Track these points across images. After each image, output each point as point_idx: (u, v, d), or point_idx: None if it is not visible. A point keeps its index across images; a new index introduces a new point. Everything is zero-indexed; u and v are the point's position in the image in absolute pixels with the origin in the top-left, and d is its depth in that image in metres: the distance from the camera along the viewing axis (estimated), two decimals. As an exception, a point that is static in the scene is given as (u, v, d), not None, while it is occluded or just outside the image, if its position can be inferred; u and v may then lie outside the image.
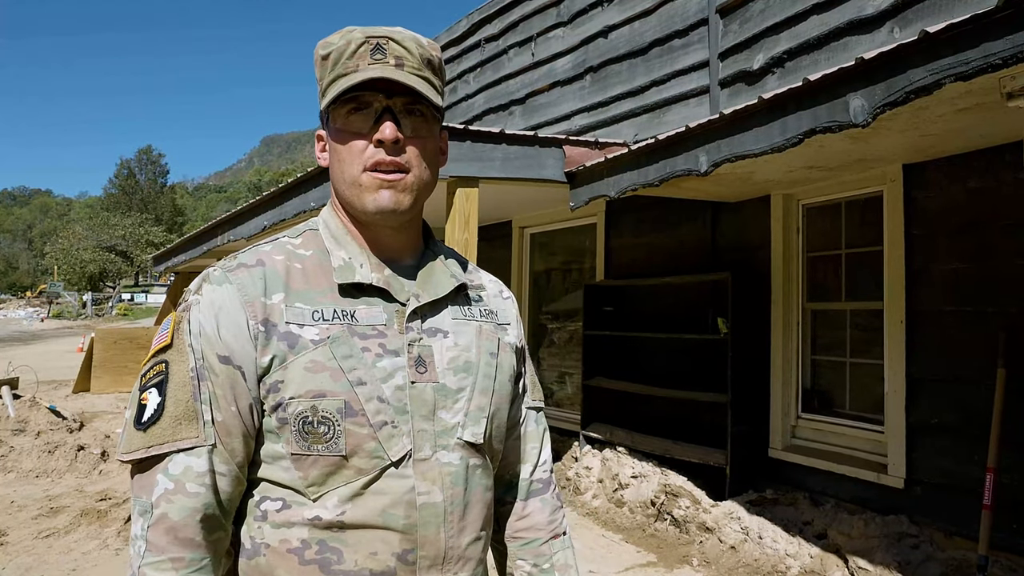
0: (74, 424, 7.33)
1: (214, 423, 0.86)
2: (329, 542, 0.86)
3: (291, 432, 0.87)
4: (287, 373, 0.86)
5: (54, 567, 3.86)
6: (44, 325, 34.68)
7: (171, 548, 0.82)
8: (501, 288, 1.11)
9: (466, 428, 0.93)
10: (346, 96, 0.89)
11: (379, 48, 0.90)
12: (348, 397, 0.86)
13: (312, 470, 0.87)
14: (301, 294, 0.91)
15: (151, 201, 73.74)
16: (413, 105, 0.91)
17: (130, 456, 0.85)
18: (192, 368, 0.87)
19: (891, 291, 3.92)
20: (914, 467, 3.75)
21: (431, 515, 0.89)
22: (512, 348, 1.05)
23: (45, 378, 11.14)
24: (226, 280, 0.90)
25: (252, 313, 0.88)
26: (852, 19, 4.15)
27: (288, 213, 5.46)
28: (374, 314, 0.92)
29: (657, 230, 5.55)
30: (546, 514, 1.09)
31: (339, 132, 0.92)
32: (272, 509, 0.88)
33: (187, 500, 0.83)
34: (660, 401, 5.32)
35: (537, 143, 4.45)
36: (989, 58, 2.15)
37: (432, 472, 0.90)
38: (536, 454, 1.11)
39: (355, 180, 0.91)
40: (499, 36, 7.44)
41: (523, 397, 1.10)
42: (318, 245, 0.96)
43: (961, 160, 3.62)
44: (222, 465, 0.86)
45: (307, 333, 0.88)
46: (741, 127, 3.21)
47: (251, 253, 0.94)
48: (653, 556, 4.06)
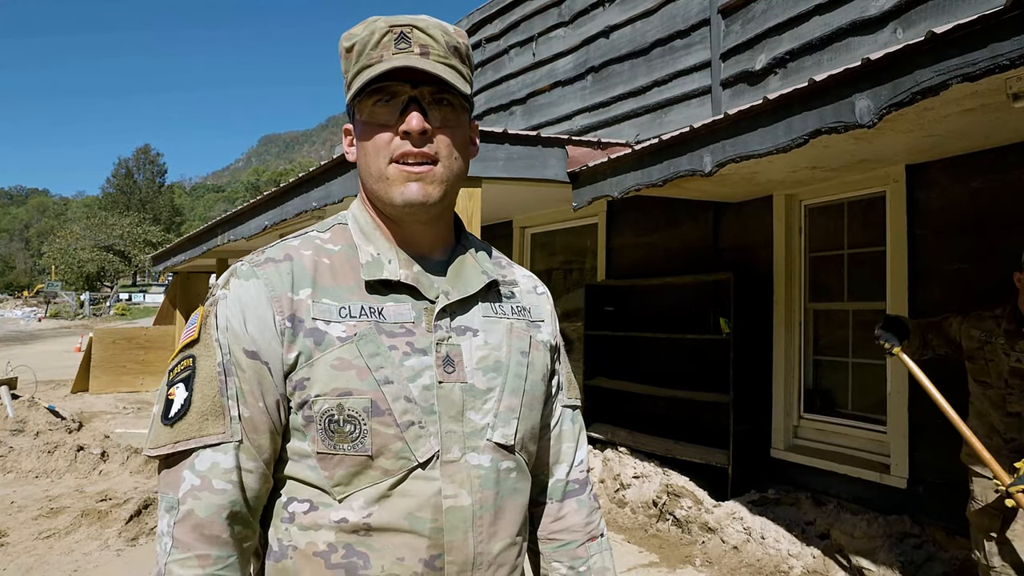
0: (73, 424, 7.32)
1: (241, 419, 0.85)
2: (356, 547, 0.85)
3: (317, 430, 0.85)
4: (313, 370, 0.85)
5: (55, 568, 3.84)
6: (41, 325, 34.59)
7: (197, 545, 0.81)
8: (536, 284, 1.08)
9: (496, 429, 0.91)
10: (371, 87, 0.87)
11: (403, 37, 0.87)
12: (374, 396, 0.85)
13: (338, 469, 0.85)
14: (329, 290, 0.89)
15: (149, 200, 73.61)
16: (441, 94, 0.89)
17: (157, 451, 0.84)
18: (219, 363, 0.86)
19: (894, 291, 3.93)
20: (916, 467, 3.76)
21: (458, 519, 0.87)
22: (545, 346, 1.02)
23: (43, 378, 11.11)
24: (253, 275, 0.89)
25: (279, 308, 0.87)
26: (855, 19, 4.15)
27: (289, 213, 5.45)
28: (402, 311, 0.90)
29: (659, 230, 5.55)
30: (583, 515, 1.06)
31: (365, 125, 0.90)
32: (300, 511, 0.87)
33: (213, 497, 0.82)
34: (662, 401, 5.32)
35: (540, 143, 4.45)
36: (996, 59, 2.15)
37: (460, 474, 0.88)
38: (572, 454, 1.07)
39: (381, 173, 0.89)
40: (500, 36, 7.44)
41: (558, 395, 1.07)
42: (347, 240, 0.95)
43: (964, 161, 3.63)
44: (249, 462, 0.85)
45: (334, 330, 0.87)
46: (746, 127, 3.21)
47: (279, 247, 0.93)
48: (655, 556, 4.06)
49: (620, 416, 5.68)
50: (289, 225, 5.82)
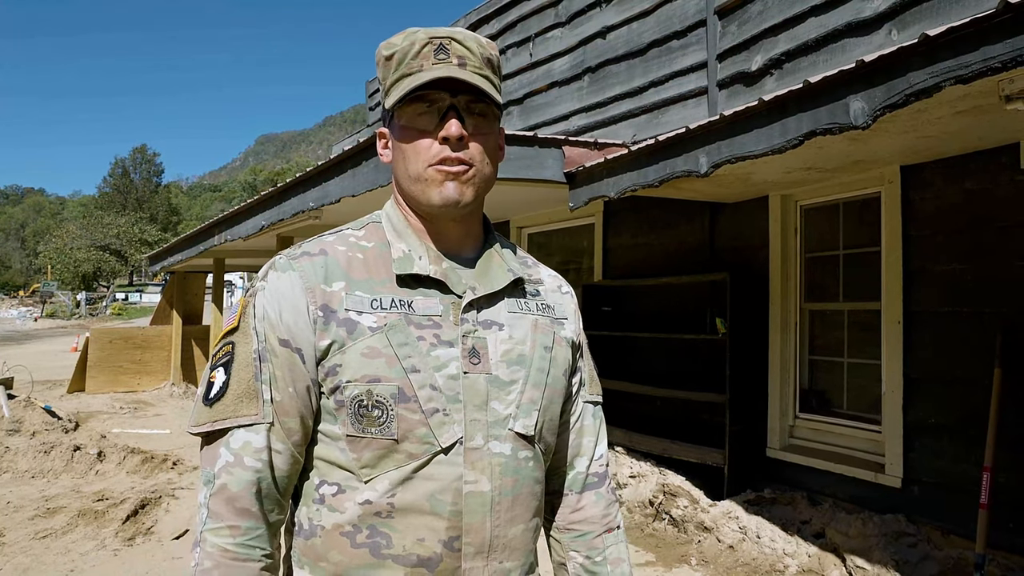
0: (69, 424, 7.31)
1: (272, 402, 0.91)
2: (379, 527, 0.90)
3: (347, 414, 0.91)
4: (345, 357, 0.91)
5: (51, 568, 3.85)
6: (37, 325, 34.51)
7: (229, 516, 0.88)
8: (560, 283, 1.13)
9: (518, 419, 0.95)
10: (413, 95, 0.92)
11: (442, 48, 0.93)
12: (402, 383, 0.90)
13: (365, 452, 0.90)
14: (361, 283, 0.94)
15: (145, 200, 73.45)
16: (476, 103, 0.94)
17: (198, 429, 0.91)
18: (255, 350, 0.92)
19: (888, 292, 3.95)
20: (911, 467, 3.78)
21: (478, 504, 0.91)
22: (568, 343, 1.06)
23: (40, 378, 11.09)
24: (290, 268, 0.95)
25: (312, 299, 0.92)
26: (850, 21, 4.17)
27: (286, 213, 5.45)
28: (430, 305, 0.94)
29: (655, 230, 5.57)
30: (600, 507, 1.11)
31: (404, 130, 0.95)
32: (329, 493, 0.92)
33: (244, 473, 0.88)
34: (658, 401, 5.34)
35: (537, 143, 4.46)
36: (988, 61, 2.17)
37: (482, 461, 0.92)
38: (592, 448, 1.12)
39: (420, 175, 0.94)
40: (496, 36, 7.44)
41: (580, 391, 1.11)
42: (380, 237, 1.00)
43: (958, 162, 3.65)
44: (279, 443, 0.91)
45: (365, 320, 0.92)
46: (741, 128, 3.22)
47: (315, 243, 0.99)
48: (651, 556, 4.08)
49: (617, 416, 5.68)
50: (286, 225, 5.82)
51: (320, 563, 0.92)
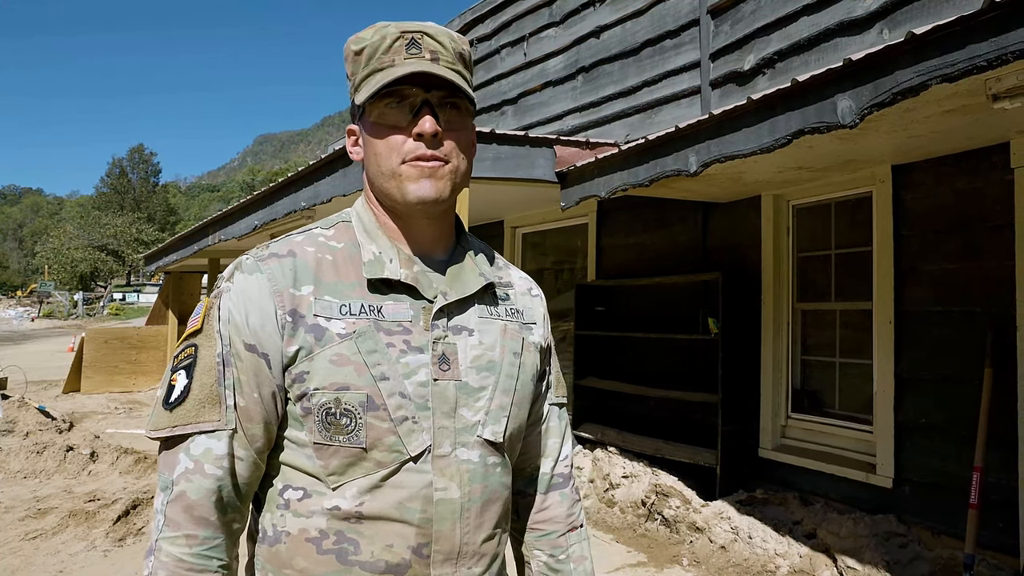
0: (63, 425, 7.29)
1: (236, 408, 0.88)
2: (347, 533, 0.88)
3: (314, 422, 0.89)
4: (313, 364, 0.88)
5: (41, 569, 3.83)
6: (34, 325, 34.45)
7: (186, 525, 0.85)
8: (531, 286, 1.12)
9: (486, 427, 0.95)
10: (385, 90, 0.90)
11: (414, 43, 0.91)
12: (371, 391, 0.88)
13: (333, 460, 0.89)
14: (330, 287, 0.92)
15: (143, 200, 73.34)
16: (449, 98, 0.93)
17: (156, 434, 0.88)
18: (219, 354, 0.89)
19: (880, 291, 3.94)
20: (902, 467, 3.77)
21: (447, 511, 0.91)
22: (536, 348, 1.06)
23: (35, 378, 11.07)
24: (257, 269, 0.92)
25: (280, 303, 0.90)
26: (842, 20, 4.16)
27: (279, 212, 5.44)
28: (400, 310, 0.93)
29: (648, 230, 5.56)
30: (565, 507, 1.11)
31: (376, 126, 0.93)
32: (294, 498, 0.90)
33: (204, 481, 0.86)
34: (651, 401, 5.33)
35: (528, 143, 4.45)
36: (974, 60, 2.16)
37: (451, 468, 0.91)
38: (557, 449, 1.12)
39: (394, 171, 0.92)
40: (491, 36, 7.44)
41: (547, 394, 1.12)
42: (350, 238, 0.98)
43: (949, 161, 3.64)
44: (241, 450, 0.89)
45: (334, 326, 0.90)
46: (730, 127, 3.22)
47: (283, 243, 0.96)
48: (643, 556, 4.07)
49: (610, 416, 5.68)
50: (279, 224, 5.81)
51: (284, 570, 0.90)
